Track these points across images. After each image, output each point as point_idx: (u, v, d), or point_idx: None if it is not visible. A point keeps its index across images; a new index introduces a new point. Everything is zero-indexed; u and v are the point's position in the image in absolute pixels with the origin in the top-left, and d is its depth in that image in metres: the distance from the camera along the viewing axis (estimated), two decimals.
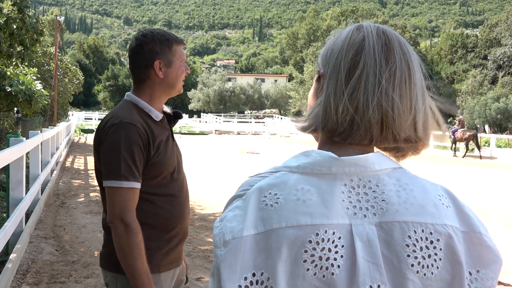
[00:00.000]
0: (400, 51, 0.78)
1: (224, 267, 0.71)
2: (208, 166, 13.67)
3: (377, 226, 0.73)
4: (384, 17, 68.83)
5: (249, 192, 0.76)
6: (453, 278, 0.73)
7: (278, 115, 55.26)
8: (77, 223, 6.30)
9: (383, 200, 0.74)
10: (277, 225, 0.71)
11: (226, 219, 0.76)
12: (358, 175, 0.75)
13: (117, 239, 1.61)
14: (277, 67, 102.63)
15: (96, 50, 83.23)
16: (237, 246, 0.72)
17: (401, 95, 0.76)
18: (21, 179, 5.38)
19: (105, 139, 1.66)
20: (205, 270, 4.55)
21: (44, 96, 10.48)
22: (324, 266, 0.70)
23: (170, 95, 1.82)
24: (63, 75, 22.04)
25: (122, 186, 1.61)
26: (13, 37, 7.81)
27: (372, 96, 0.75)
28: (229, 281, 0.70)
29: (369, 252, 0.71)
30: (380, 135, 0.77)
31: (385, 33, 0.79)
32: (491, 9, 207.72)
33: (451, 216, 0.75)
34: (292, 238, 0.71)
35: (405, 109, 0.76)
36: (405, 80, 0.76)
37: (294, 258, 0.70)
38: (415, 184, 0.77)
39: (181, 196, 1.79)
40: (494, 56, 43.82)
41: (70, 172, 11.71)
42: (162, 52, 1.74)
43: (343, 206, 0.73)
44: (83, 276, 4.27)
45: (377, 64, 0.76)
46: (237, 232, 0.72)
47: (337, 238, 0.71)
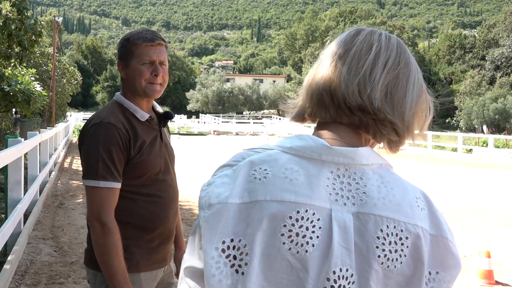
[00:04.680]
0: (367, 37, 0.84)
1: (205, 228, 0.76)
2: (206, 167, 13.67)
3: (354, 216, 0.77)
4: (382, 18, 68.94)
5: (241, 164, 0.81)
6: (413, 274, 0.77)
7: (276, 115, 55.28)
8: (75, 224, 6.30)
9: (364, 192, 0.78)
10: (262, 197, 0.76)
11: (214, 184, 0.80)
12: (345, 165, 0.80)
13: (95, 238, 1.63)
14: (276, 68, 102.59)
15: (94, 51, 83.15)
16: (221, 211, 0.76)
17: (350, 68, 0.82)
18: (19, 180, 5.37)
19: (86, 139, 1.68)
20: None
21: (43, 96, 10.47)
22: (299, 243, 0.74)
23: (141, 96, 1.74)
24: (61, 75, 22.02)
25: (100, 186, 1.62)
26: (11, 38, 7.81)
27: (322, 69, 0.85)
28: (209, 242, 0.75)
29: (343, 238, 0.75)
30: (333, 103, 0.82)
31: (360, 29, 0.87)
32: (489, 10, 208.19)
33: (423, 218, 0.80)
34: (274, 211, 0.75)
35: (350, 78, 0.81)
36: (358, 56, 0.82)
37: (273, 231, 0.74)
38: (397, 183, 0.81)
39: (166, 197, 1.78)
40: (492, 56, 43.91)
41: (68, 173, 11.70)
42: (121, 53, 1.76)
43: (326, 191, 0.77)
44: (82, 277, 4.27)
45: (330, 47, 0.87)
46: (223, 198, 0.77)
47: (316, 219, 0.75)
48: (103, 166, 1.62)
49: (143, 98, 1.77)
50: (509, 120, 30.46)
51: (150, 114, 1.79)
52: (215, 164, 6.02)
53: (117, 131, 1.65)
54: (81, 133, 1.73)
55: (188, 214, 7.02)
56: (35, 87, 10.40)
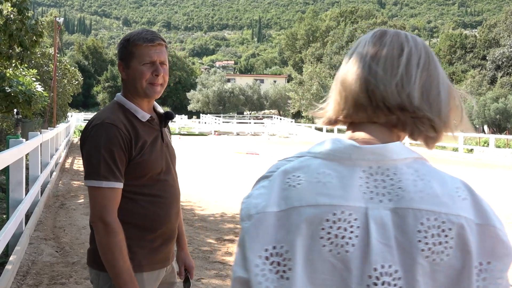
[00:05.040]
0: (394, 37, 0.87)
1: (247, 238, 0.79)
2: (207, 167, 13.67)
3: (392, 211, 0.77)
4: (383, 18, 68.86)
5: (275, 174, 0.84)
6: (462, 266, 0.76)
7: (277, 115, 55.27)
8: (77, 225, 6.30)
9: (400, 187, 0.78)
10: (298, 203, 0.78)
11: (252, 196, 0.84)
12: (377, 163, 0.80)
13: (98, 238, 1.64)
14: (276, 68, 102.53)
15: (95, 51, 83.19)
16: (260, 220, 0.79)
17: (385, 68, 0.84)
18: (21, 180, 5.38)
19: (87, 139, 1.69)
20: (205, 271, 4.55)
21: (44, 97, 10.48)
22: (339, 244, 0.76)
23: (141, 97, 1.75)
24: (62, 76, 22.04)
25: (102, 186, 1.63)
26: (12, 38, 7.82)
27: (355, 71, 0.86)
28: (252, 250, 0.78)
29: (382, 234, 0.75)
30: (371, 104, 0.84)
31: (384, 30, 0.89)
32: (489, 10, 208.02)
33: (466, 208, 0.78)
34: (311, 216, 0.77)
35: (388, 78, 0.83)
36: (392, 57, 0.84)
37: (312, 235, 0.76)
38: (434, 176, 0.81)
39: (167, 197, 1.79)
40: (493, 56, 43.87)
41: (69, 173, 11.71)
42: (122, 53, 1.76)
43: (360, 191, 0.78)
44: (84, 277, 4.27)
45: (364, 46, 0.87)
46: (261, 208, 0.80)
47: (353, 219, 0.76)
48: (105, 166, 1.63)
49: (143, 98, 1.77)
50: (510, 120, 30.44)
51: (151, 114, 1.80)
52: (215, 165, 6.03)
53: (118, 132, 1.66)
54: (82, 134, 1.74)
55: (189, 215, 7.03)
56: (36, 87, 10.41)
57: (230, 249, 5.34)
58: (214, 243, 5.58)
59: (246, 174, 12.25)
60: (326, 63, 59.29)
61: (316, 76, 53.95)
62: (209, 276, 4.40)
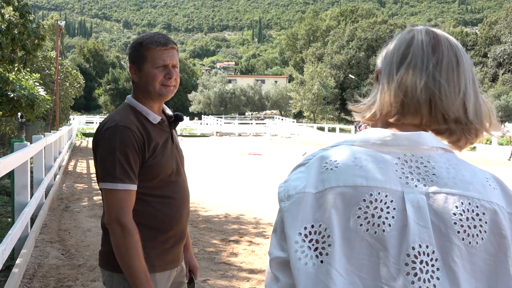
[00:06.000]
0: (448, 44, 0.88)
1: (287, 216, 0.82)
2: (210, 168, 13.69)
3: (427, 196, 0.79)
4: (383, 17, 68.79)
5: (312, 160, 0.87)
6: (498, 250, 0.78)
7: (278, 116, 55.25)
8: (81, 227, 6.32)
9: (434, 174, 0.82)
10: (335, 184, 0.81)
11: (290, 179, 0.87)
12: (411, 150, 0.84)
13: (115, 240, 1.65)
14: (277, 68, 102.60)
15: (96, 54, 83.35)
16: (299, 200, 0.82)
17: (448, 79, 0.85)
18: (25, 183, 5.39)
19: (101, 142, 1.69)
20: (211, 271, 4.56)
21: (46, 101, 10.51)
22: (376, 223, 0.77)
23: (153, 99, 1.78)
24: (64, 79, 22.08)
25: (118, 188, 1.64)
26: (14, 42, 7.84)
27: (419, 79, 0.86)
28: (291, 228, 0.80)
29: (419, 216, 0.77)
30: (430, 114, 0.86)
31: (433, 31, 0.91)
32: (490, 7, 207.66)
33: (497, 197, 0.82)
34: (348, 196, 0.79)
35: (451, 91, 0.85)
36: (452, 68, 0.86)
37: (349, 214, 0.79)
38: (464, 166, 0.84)
39: (178, 198, 1.81)
40: (494, 53, 43.79)
41: (73, 176, 11.73)
42: (133, 56, 1.77)
43: (396, 175, 0.81)
44: (90, 280, 4.28)
45: (424, 54, 0.87)
46: (300, 188, 0.83)
47: (389, 201, 0.79)
48: (120, 168, 1.64)
49: (155, 100, 1.79)
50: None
51: (161, 116, 1.81)
52: (218, 166, 6.04)
53: (132, 134, 1.67)
54: (95, 137, 1.74)
55: (193, 216, 7.04)
56: (39, 91, 10.44)
57: (235, 250, 5.34)
58: (219, 244, 5.59)
59: (249, 175, 12.25)
60: (327, 62, 59.26)
61: (317, 76, 53.93)
62: (215, 277, 4.41)
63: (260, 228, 6.42)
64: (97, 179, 1.73)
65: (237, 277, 4.46)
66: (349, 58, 57.85)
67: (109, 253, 1.69)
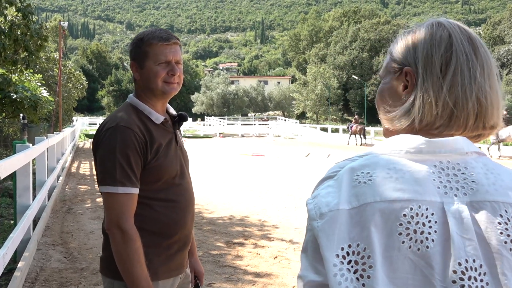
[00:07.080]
0: (480, 44, 0.84)
1: (322, 236, 0.75)
2: (214, 170, 13.62)
3: (468, 205, 0.75)
4: (386, 17, 68.71)
5: (341, 173, 0.80)
6: None
7: (281, 117, 55.20)
8: (84, 229, 6.25)
9: (473, 181, 0.77)
10: (371, 199, 0.75)
11: (320, 195, 0.80)
12: (447, 157, 0.79)
13: (115, 246, 1.57)
14: (280, 69, 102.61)
15: (99, 56, 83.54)
16: (334, 218, 0.75)
17: (491, 86, 0.82)
18: (28, 185, 5.33)
19: (101, 143, 1.61)
20: (216, 275, 4.49)
21: (49, 102, 10.47)
22: (419, 240, 0.72)
23: (156, 97, 1.70)
24: (67, 80, 22.08)
25: (118, 192, 1.56)
26: (17, 43, 7.80)
27: (470, 90, 0.81)
28: (328, 249, 0.74)
29: (462, 228, 0.73)
30: (473, 124, 0.82)
31: (465, 28, 0.85)
32: (493, 7, 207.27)
33: None
34: (387, 212, 0.74)
35: (494, 99, 0.83)
36: (490, 71, 0.83)
37: (389, 231, 0.73)
38: (501, 169, 0.81)
39: (182, 201, 1.73)
40: (498, 54, 43.65)
41: (76, 178, 11.69)
42: (135, 53, 1.70)
43: (434, 185, 0.76)
44: (93, 283, 4.21)
45: (469, 59, 0.82)
46: (333, 205, 0.77)
47: (430, 214, 0.74)
48: (121, 171, 1.56)
49: (159, 99, 1.71)
50: None
51: (164, 116, 1.74)
52: (221, 167, 5.97)
53: (133, 135, 1.59)
54: (95, 137, 1.66)
55: (197, 218, 6.97)
56: (42, 92, 10.40)
57: (240, 252, 5.27)
58: (224, 246, 5.51)
59: (253, 176, 12.18)
60: (330, 63, 59.22)
61: (320, 77, 53.89)
62: (220, 280, 4.34)
63: (265, 230, 6.34)
64: (97, 182, 1.64)
65: (243, 280, 4.38)
66: (352, 58, 57.80)
67: (110, 259, 1.61)
